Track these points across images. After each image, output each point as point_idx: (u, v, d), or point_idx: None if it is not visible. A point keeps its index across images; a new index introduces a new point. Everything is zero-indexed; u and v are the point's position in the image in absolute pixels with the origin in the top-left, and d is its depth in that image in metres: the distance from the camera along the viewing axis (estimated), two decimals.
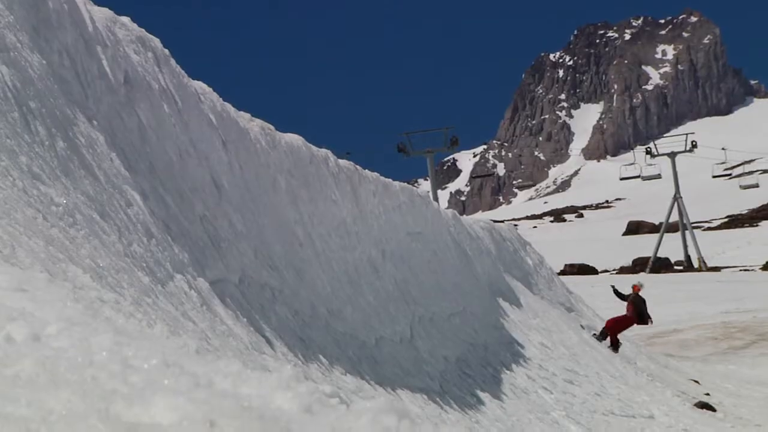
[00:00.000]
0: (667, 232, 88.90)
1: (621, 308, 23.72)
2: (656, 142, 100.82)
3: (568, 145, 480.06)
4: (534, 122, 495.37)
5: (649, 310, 22.87)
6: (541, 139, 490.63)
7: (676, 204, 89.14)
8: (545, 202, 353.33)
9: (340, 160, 13.72)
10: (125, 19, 8.37)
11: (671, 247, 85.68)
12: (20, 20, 6.07)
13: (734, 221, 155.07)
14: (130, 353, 2.87)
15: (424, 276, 15.98)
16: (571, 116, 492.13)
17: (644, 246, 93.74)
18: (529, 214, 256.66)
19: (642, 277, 68.80)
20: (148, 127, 7.72)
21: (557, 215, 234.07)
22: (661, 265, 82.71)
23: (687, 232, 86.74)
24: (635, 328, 32.88)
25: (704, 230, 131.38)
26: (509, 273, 23.09)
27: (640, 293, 23.33)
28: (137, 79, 7.90)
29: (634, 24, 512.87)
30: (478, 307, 17.69)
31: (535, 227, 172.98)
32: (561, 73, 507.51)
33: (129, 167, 6.84)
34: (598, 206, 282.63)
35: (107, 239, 5.42)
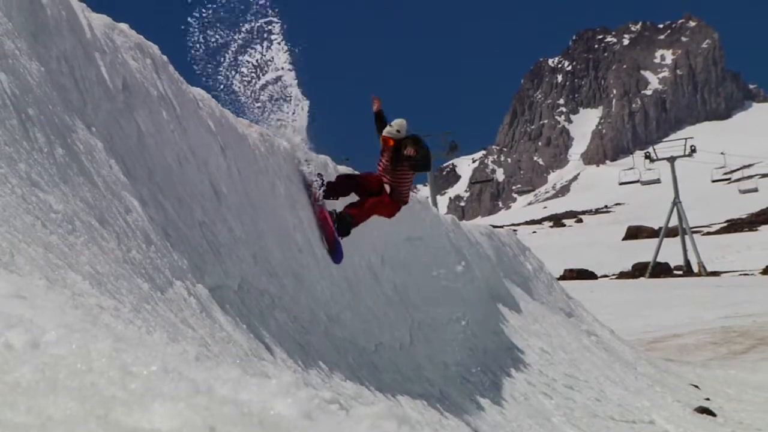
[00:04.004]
0: (667, 236, 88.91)
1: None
2: (655, 146, 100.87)
3: (567, 150, 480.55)
4: (533, 127, 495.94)
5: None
6: (540, 144, 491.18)
7: (675, 209, 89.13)
8: (544, 207, 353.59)
9: (339, 166, 13.72)
10: (123, 26, 8.37)
11: (671, 252, 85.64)
12: (19, 27, 6.07)
13: (734, 226, 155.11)
14: (130, 360, 2.86)
15: (424, 281, 15.97)
16: (570, 121, 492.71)
17: (644, 251, 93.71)
18: (528, 219, 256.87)
19: (642, 281, 68.71)
20: (146, 134, 7.72)
21: (556, 220, 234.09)
22: (661, 270, 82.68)
23: (686, 237, 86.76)
24: (634, 331, 32.89)
25: (704, 235, 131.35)
26: (509, 278, 23.07)
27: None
28: (136, 85, 7.91)
29: (632, 29, 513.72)
30: (478, 313, 17.68)
31: (534, 232, 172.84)
32: (560, 78, 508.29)
33: (128, 174, 6.84)
34: (597, 211, 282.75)
35: (106, 246, 5.42)
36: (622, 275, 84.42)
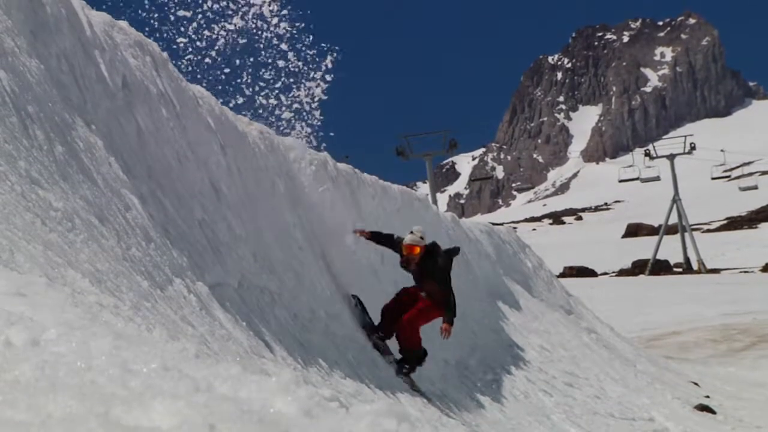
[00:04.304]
0: (667, 234, 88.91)
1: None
2: (655, 144, 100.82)
3: (567, 148, 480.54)
4: (532, 125, 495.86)
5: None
6: (539, 141, 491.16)
7: (675, 206, 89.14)
8: (544, 205, 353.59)
9: (339, 164, 13.71)
10: (123, 24, 8.37)
11: (670, 249, 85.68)
12: (18, 25, 6.07)
13: (733, 223, 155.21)
14: (130, 357, 2.86)
15: None
16: (569, 119, 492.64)
17: (643, 248, 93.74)
18: (528, 217, 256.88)
19: (642, 279, 68.74)
20: (146, 132, 7.72)
21: (556, 218, 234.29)
22: (661, 267, 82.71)
23: (686, 234, 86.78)
24: (634, 329, 32.90)
25: (703, 232, 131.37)
26: (508, 276, 23.06)
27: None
28: (135, 83, 7.91)
29: (632, 26, 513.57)
30: (478, 310, 17.67)
31: (534, 230, 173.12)
32: (559, 75, 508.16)
33: (127, 171, 6.84)
34: (597, 208, 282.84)
35: (106, 243, 5.41)
36: (621, 273, 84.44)
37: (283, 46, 11.26)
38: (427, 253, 11.41)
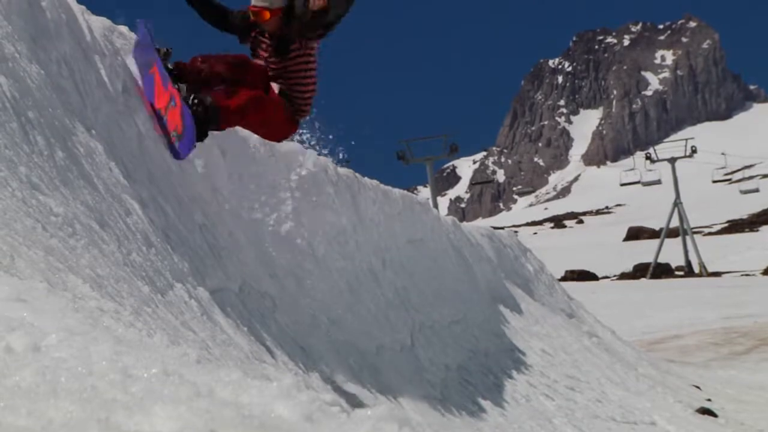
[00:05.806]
0: (668, 237, 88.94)
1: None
2: (656, 147, 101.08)
3: (568, 151, 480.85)
4: (533, 128, 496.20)
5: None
6: (540, 145, 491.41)
7: (676, 209, 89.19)
8: (545, 209, 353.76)
9: (340, 169, 13.71)
10: (123, 29, 8.39)
11: (672, 253, 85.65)
12: (18, 30, 6.08)
13: (735, 226, 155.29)
14: (130, 362, 2.86)
15: (425, 283, 15.95)
16: (570, 122, 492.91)
17: (645, 252, 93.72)
18: (529, 221, 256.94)
19: (643, 282, 68.72)
20: (146, 136, 7.72)
21: (557, 221, 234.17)
22: (662, 271, 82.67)
23: (687, 238, 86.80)
24: (635, 332, 32.84)
25: (705, 235, 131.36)
26: (510, 280, 23.04)
27: None
28: (135, 88, 7.92)
29: (633, 30, 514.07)
30: (479, 314, 17.66)
31: (535, 233, 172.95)
32: (560, 79, 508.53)
33: (128, 176, 6.84)
34: (598, 212, 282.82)
35: (107, 249, 5.41)
36: (623, 276, 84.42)
37: None
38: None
